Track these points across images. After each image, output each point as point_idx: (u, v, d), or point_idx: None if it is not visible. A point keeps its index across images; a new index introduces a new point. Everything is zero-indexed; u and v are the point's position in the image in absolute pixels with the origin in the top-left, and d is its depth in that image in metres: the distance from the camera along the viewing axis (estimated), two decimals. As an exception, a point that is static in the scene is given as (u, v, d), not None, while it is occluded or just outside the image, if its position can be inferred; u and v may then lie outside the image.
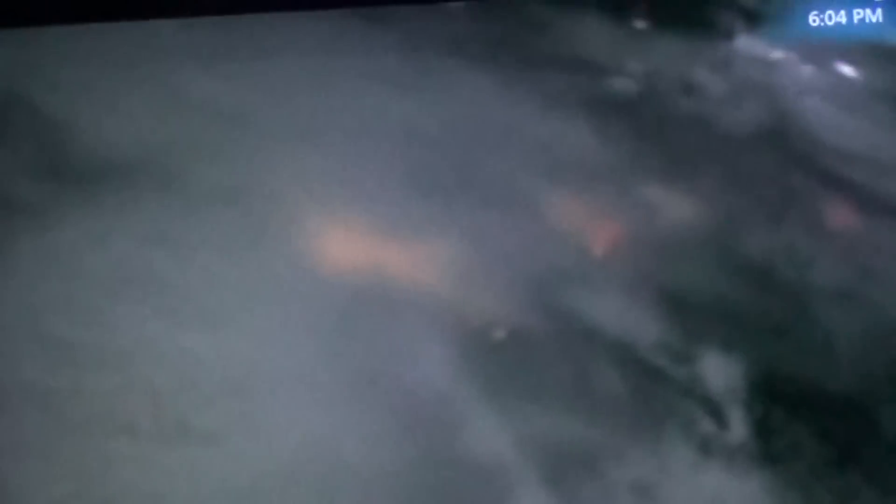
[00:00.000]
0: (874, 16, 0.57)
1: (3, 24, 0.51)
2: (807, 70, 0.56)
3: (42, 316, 0.50)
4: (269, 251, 0.52)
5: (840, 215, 0.55)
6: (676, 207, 0.54)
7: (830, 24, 0.56)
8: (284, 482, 0.50)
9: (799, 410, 0.53)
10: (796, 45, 0.56)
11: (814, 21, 0.56)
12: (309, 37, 0.54)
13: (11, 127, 0.52)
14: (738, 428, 0.53)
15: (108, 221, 0.51)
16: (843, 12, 0.56)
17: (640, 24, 0.56)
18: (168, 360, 0.50)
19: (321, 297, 0.52)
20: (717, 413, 0.53)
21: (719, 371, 0.53)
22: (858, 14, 0.56)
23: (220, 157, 0.52)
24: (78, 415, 0.49)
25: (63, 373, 0.50)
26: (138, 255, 0.51)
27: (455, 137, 0.54)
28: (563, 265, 0.53)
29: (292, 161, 0.53)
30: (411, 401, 0.51)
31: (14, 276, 0.51)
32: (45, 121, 0.52)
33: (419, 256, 0.53)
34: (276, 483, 0.50)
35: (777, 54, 0.56)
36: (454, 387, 0.52)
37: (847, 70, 0.57)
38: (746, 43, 0.56)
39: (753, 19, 0.56)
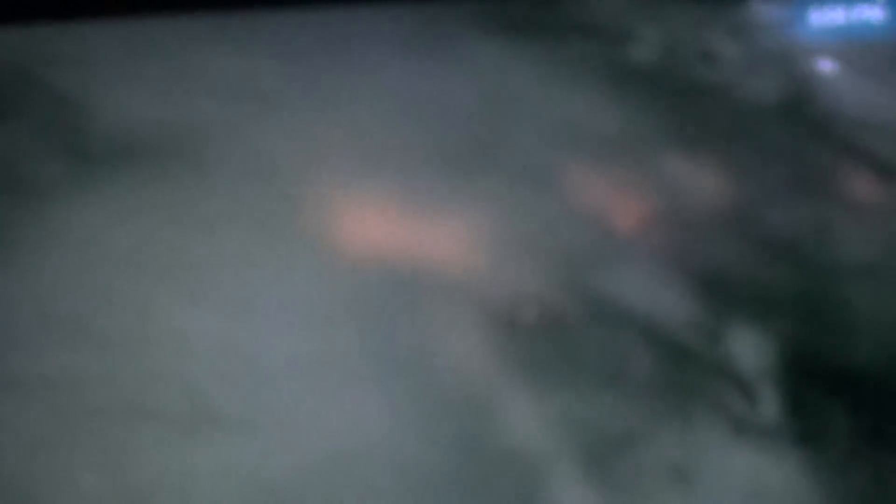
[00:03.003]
0: (873, 13, 0.57)
1: (27, 20, 0.51)
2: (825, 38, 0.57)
3: (61, 300, 0.48)
4: (296, 232, 0.51)
5: (866, 188, 0.55)
6: (701, 181, 0.54)
7: (831, 24, 0.57)
8: (316, 471, 0.49)
9: (830, 389, 0.53)
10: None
11: (814, 20, 0.57)
12: (331, 14, 0.54)
13: (28, 107, 0.51)
14: (770, 407, 0.52)
15: (128, 201, 0.50)
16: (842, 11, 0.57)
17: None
18: (196, 345, 0.49)
19: (350, 277, 0.51)
20: (748, 392, 0.52)
21: (749, 350, 0.53)
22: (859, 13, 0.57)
23: (242, 135, 0.52)
24: (104, 403, 0.47)
25: (88, 359, 0.48)
26: (161, 237, 0.50)
27: (478, 111, 0.53)
28: (590, 243, 0.53)
29: (316, 139, 0.52)
30: (443, 385, 0.50)
31: (32, 260, 0.49)
32: (62, 101, 0.51)
33: (448, 234, 0.52)
34: (307, 472, 0.49)
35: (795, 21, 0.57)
36: (486, 370, 0.51)
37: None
38: (763, 8, 0.56)
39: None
